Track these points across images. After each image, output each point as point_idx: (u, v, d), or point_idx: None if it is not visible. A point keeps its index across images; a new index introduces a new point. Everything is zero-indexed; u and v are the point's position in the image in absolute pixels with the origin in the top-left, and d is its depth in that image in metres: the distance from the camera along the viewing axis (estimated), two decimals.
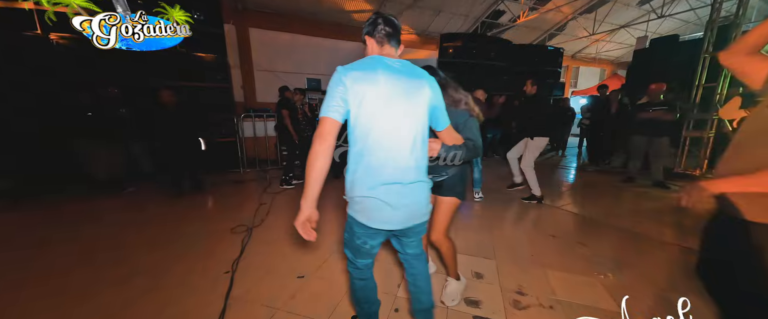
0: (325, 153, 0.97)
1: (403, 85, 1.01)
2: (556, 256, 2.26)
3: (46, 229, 2.72)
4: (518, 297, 1.77)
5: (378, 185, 1.02)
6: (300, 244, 2.43)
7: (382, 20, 1.05)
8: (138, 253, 2.26)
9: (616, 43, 13.11)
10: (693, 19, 10.28)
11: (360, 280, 1.24)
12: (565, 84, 11.91)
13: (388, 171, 1.02)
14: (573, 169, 5.69)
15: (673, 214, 3.22)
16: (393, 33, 1.06)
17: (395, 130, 1.01)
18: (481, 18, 9.83)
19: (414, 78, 1.04)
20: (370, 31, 1.06)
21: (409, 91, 1.02)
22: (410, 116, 1.03)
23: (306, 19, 8.44)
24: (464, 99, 1.45)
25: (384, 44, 1.07)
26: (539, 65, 8.55)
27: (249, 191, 4.04)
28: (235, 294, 1.77)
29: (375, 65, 1.00)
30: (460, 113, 1.40)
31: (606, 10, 10.10)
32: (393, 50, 1.09)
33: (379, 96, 0.98)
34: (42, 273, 1.98)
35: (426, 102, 1.06)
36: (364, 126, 0.99)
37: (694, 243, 2.43)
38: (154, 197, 3.71)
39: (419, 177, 1.08)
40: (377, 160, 1.01)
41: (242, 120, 5.25)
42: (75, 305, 1.67)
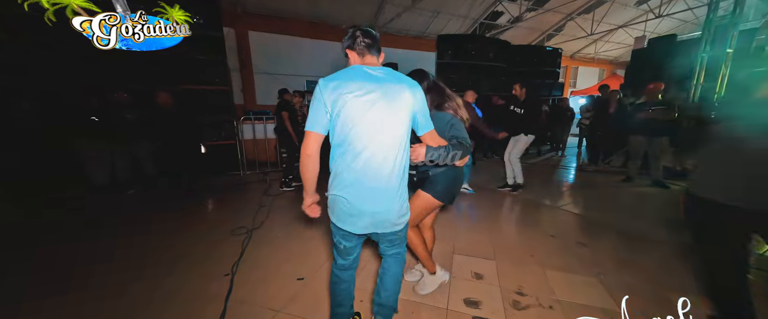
0: (313, 163, 1.11)
1: (383, 91, 1.04)
2: (555, 256, 2.27)
3: (44, 230, 2.72)
4: (518, 297, 1.77)
5: (349, 186, 1.07)
6: (299, 246, 2.44)
7: (361, 33, 1.11)
8: (137, 255, 2.26)
9: (615, 43, 13.15)
10: (691, 18, 10.31)
11: (335, 276, 1.29)
12: (564, 84, 11.94)
13: (363, 175, 1.06)
14: (573, 169, 5.70)
15: (672, 213, 3.22)
16: (372, 43, 1.11)
17: (374, 135, 1.04)
18: (480, 19, 9.87)
19: (395, 84, 1.07)
20: (350, 44, 1.12)
21: (390, 97, 1.05)
22: (390, 122, 1.06)
23: (305, 21, 8.48)
24: (450, 103, 1.47)
25: (365, 55, 1.12)
26: (538, 66, 8.56)
27: (249, 194, 4.04)
28: (236, 296, 1.77)
29: (354, 74, 1.05)
30: (444, 116, 1.43)
31: (604, 10, 10.14)
32: (374, 59, 1.13)
33: (358, 102, 1.02)
34: (42, 276, 1.98)
35: (407, 107, 1.09)
36: (344, 131, 1.04)
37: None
38: (154, 199, 3.72)
39: (393, 184, 1.10)
40: (355, 163, 1.05)
41: (242, 122, 5.26)
42: (74, 308, 1.68)
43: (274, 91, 4.61)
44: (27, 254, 2.28)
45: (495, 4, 9.31)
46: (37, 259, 2.22)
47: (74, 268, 2.08)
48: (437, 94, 1.47)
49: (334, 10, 8.46)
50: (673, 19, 10.25)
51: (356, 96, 1.02)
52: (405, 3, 8.39)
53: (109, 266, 2.11)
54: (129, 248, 2.38)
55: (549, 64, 8.73)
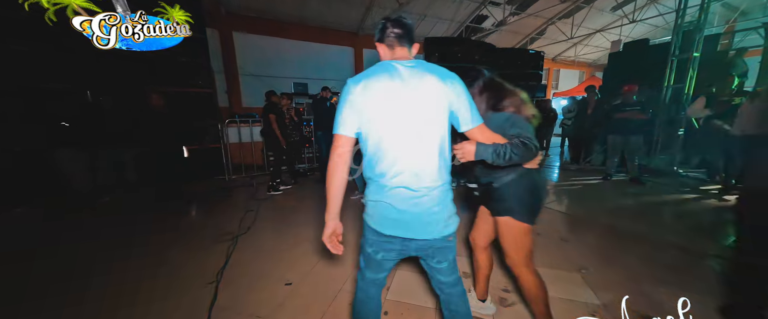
0: (342, 168, 0.99)
1: (413, 86, 0.96)
2: (540, 253, 2.33)
3: (24, 241, 2.56)
4: (505, 295, 1.81)
5: (389, 189, 0.99)
6: (287, 251, 2.40)
7: (390, 23, 1.01)
8: (116, 265, 2.16)
9: (593, 47, 13.72)
10: (662, 24, 10.91)
11: (362, 293, 1.15)
12: (547, 86, 12.33)
13: (399, 176, 0.98)
14: (556, 168, 5.89)
15: (650, 209, 3.38)
16: (403, 34, 1.01)
17: (406, 133, 0.96)
18: (466, 22, 10.08)
19: (428, 76, 0.97)
20: (380, 37, 1.03)
21: (421, 92, 0.96)
22: (422, 118, 0.97)
23: (291, 22, 8.40)
24: (510, 99, 1.22)
25: (395, 47, 1.02)
26: (522, 68, 8.80)
27: (235, 198, 3.95)
28: (221, 304, 1.72)
29: (381, 71, 0.98)
30: (501, 115, 1.19)
31: (583, 15, 10.57)
32: (405, 51, 1.03)
33: (386, 101, 0.95)
34: (20, 293, 1.86)
35: (442, 101, 0.98)
36: (375, 133, 0.98)
37: (671, 238, 2.57)
38: (134, 206, 3.57)
39: (434, 183, 1.00)
40: (388, 164, 0.98)
41: (227, 126, 5.14)
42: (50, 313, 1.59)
43: (261, 94, 4.54)
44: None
45: (480, 8, 9.53)
46: (13, 275, 2.08)
47: (51, 280, 1.97)
48: (494, 92, 1.23)
49: (321, 12, 8.43)
50: (646, 24, 10.82)
51: (383, 95, 0.95)
52: (391, 5, 8.46)
53: (85, 277, 2.00)
54: (106, 259, 2.27)
55: (532, 67, 8.99)
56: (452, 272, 1.12)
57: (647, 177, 4.53)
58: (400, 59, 1.01)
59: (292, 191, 4.23)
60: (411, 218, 1.00)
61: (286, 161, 4.26)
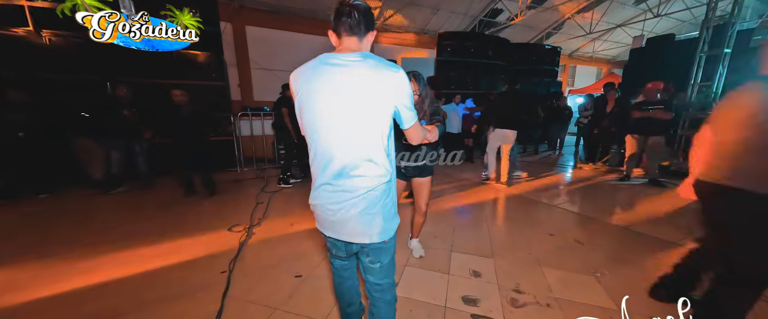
0: None
1: (347, 80, 0.89)
2: (553, 254, 2.27)
3: (37, 229, 2.69)
4: (516, 295, 1.77)
5: (324, 190, 0.98)
6: (298, 243, 2.42)
7: (342, 8, 0.91)
8: (133, 253, 2.23)
9: (613, 43, 13.19)
10: (689, 18, 10.35)
11: (336, 276, 1.25)
12: (563, 83, 11.96)
13: (329, 174, 0.95)
14: (570, 167, 5.72)
15: (669, 212, 3.24)
16: (354, 23, 0.91)
17: (338, 129, 0.92)
18: (479, 16, 9.83)
19: (366, 72, 0.90)
20: (333, 24, 0.94)
21: (356, 87, 0.89)
22: (356, 117, 0.91)
23: (303, 16, 8.39)
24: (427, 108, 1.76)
25: (343, 36, 0.94)
26: (537, 64, 8.56)
27: (246, 190, 4.01)
28: (233, 294, 1.76)
29: (316, 67, 0.93)
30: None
31: (603, 9, 10.14)
32: (353, 41, 0.94)
33: (317, 95, 0.91)
34: (38, 273, 1.96)
35: (378, 98, 0.91)
36: (308, 127, 0.96)
37: (689, 240, 2.46)
38: (150, 196, 3.68)
39: (370, 184, 0.95)
40: (323, 165, 0.96)
41: (239, 118, 5.21)
42: (72, 306, 1.65)
43: (272, 87, 4.58)
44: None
45: (494, 2, 9.27)
46: (30, 258, 2.18)
47: (68, 267, 2.06)
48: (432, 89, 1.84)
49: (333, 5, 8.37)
50: (671, 18, 10.29)
51: (315, 88, 0.91)
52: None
53: (101, 266, 2.08)
54: (123, 247, 2.35)
55: (547, 63, 8.73)
56: (385, 275, 1.10)
57: (667, 180, 4.35)
58: (344, 51, 0.93)
59: (301, 184, 4.26)
60: (345, 220, 0.98)
61: (297, 154, 4.29)
